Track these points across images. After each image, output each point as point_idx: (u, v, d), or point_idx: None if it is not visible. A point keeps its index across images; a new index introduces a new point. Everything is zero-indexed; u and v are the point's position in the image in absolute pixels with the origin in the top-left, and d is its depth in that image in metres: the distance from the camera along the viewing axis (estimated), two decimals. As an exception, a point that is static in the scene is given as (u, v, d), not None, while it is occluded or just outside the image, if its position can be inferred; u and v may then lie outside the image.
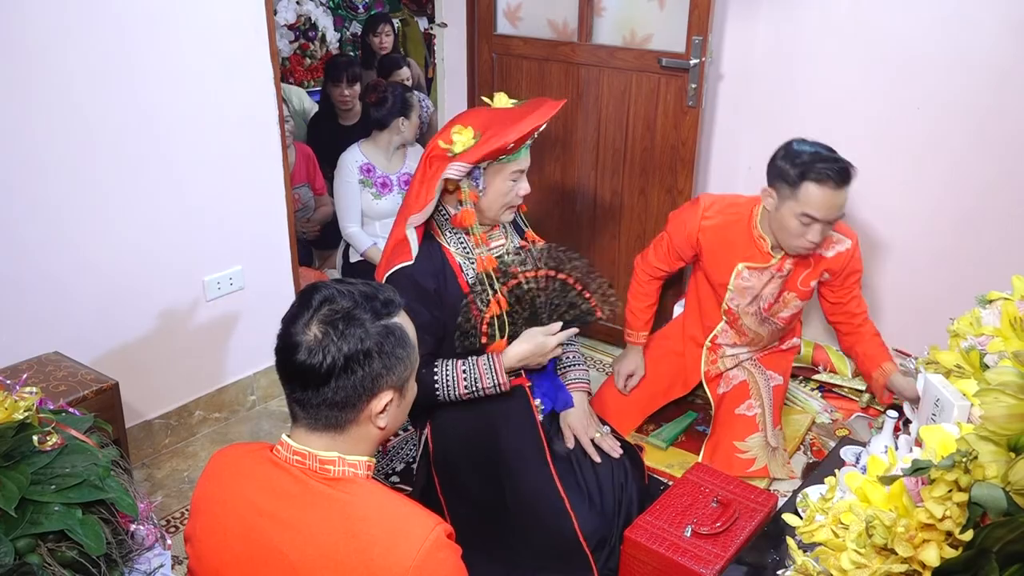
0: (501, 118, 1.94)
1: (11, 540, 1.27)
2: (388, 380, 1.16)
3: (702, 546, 1.77)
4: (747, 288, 2.39)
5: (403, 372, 1.19)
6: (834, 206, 2.12)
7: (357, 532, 1.09)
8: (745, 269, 2.37)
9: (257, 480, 1.18)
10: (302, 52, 5.33)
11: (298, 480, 1.15)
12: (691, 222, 2.41)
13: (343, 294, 1.17)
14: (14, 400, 1.42)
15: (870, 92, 2.66)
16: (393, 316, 1.19)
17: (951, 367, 1.29)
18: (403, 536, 1.08)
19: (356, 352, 1.13)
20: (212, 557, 1.20)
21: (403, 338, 1.19)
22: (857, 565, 0.85)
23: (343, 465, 1.16)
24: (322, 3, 5.36)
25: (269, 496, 1.16)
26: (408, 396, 1.24)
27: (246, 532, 1.15)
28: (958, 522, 0.78)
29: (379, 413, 1.17)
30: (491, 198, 1.97)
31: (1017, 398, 0.82)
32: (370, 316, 1.15)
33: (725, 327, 2.55)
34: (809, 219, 2.14)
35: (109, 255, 2.29)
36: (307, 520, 1.12)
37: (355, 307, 1.15)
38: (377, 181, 3.34)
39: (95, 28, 2.10)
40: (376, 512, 1.12)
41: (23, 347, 2.11)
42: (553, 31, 3.11)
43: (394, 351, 1.16)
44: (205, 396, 2.66)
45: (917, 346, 2.45)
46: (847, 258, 2.34)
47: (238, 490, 1.19)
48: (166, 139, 2.33)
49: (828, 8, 2.67)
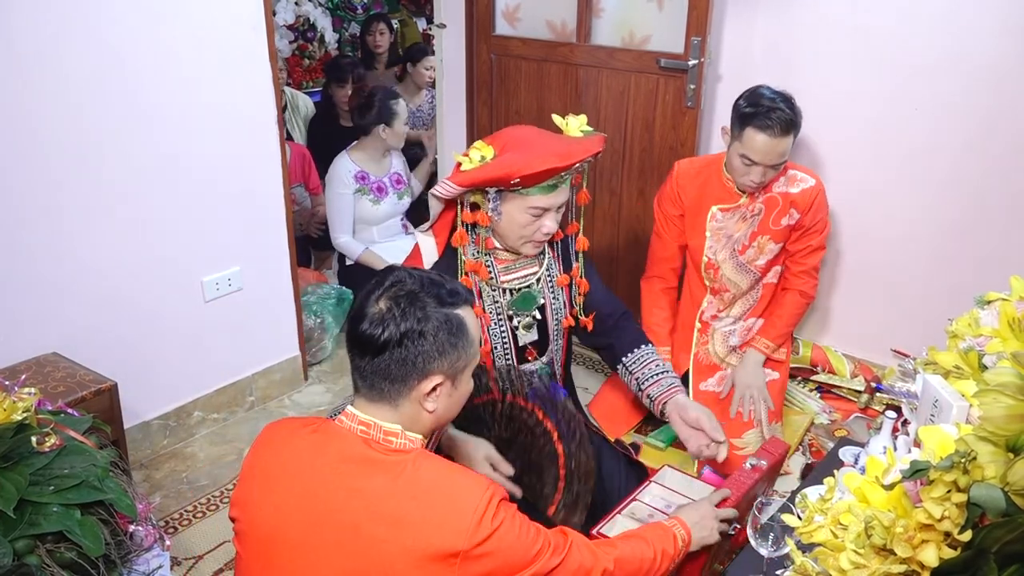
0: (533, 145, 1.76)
1: (10, 541, 1.27)
2: (439, 365, 1.23)
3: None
4: (720, 230, 2.51)
5: (456, 361, 1.25)
6: (772, 153, 2.27)
7: (420, 495, 1.16)
8: (718, 211, 2.50)
9: (316, 447, 1.24)
10: (301, 53, 5.33)
11: (363, 448, 1.21)
12: (670, 184, 2.55)
13: (413, 278, 1.26)
14: (13, 401, 1.42)
15: (868, 93, 2.67)
16: (457, 307, 1.26)
17: (949, 368, 1.29)
18: (463, 499, 1.15)
19: (411, 331, 1.21)
20: (266, 522, 1.23)
21: (460, 329, 1.25)
22: (856, 565, 0.85)
23: (403, 438, 1.23)
24: (321, 4, 5.36)
25: (332, 462, 1.21)
26: (461, 388, 1.30)
27: (306, 496, 1.20)
28: (957, 522, 0.78)
29: (427, 395, 1.23)
30: (506, 226, 1.80)
31: (1016, 399, 0.83)
32: (433, 302, 1.23)
33: (710, 298, 2.62)
34: (749, 161, 2.30)
35: (107, 256, 2.28)
36: (373, 485, 1.17)
37: (420, 291, 1.24)
38: (373, 187, 3.33)
39: (94, 28, 2.10)
40: (437, 477, 1.19)
41: (22, 348, 2.11)
42: (552, 32, 3.11)
43: (448, 338, 1.23)
44: (204, 397, 2.66)
45: (916, 347, 2.45)
46: (812, 194, 2.45)
47: (295, 457, 1.24)
48: (165, 140, 2.33)
49: (826, 9, 2.67)
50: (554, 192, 1.76)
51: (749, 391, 2.52)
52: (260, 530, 1.23)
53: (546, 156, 1.70)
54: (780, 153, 2.29)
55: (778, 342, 2.58)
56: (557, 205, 1.79)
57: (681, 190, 2.52)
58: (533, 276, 1.93)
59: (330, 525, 1.17)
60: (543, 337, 1.99)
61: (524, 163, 1.68)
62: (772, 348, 2.57)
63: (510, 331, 1.93)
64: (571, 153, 1.74)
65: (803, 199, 2.46)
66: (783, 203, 2.46)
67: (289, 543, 1.19)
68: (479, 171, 1.70)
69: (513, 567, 1.17)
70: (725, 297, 2.61)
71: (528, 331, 1.96)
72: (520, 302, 1.92)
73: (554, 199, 1.77)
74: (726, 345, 2.63)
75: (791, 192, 2.45)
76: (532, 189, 1.74)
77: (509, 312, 1.91)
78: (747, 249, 2.52)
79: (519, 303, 1.92)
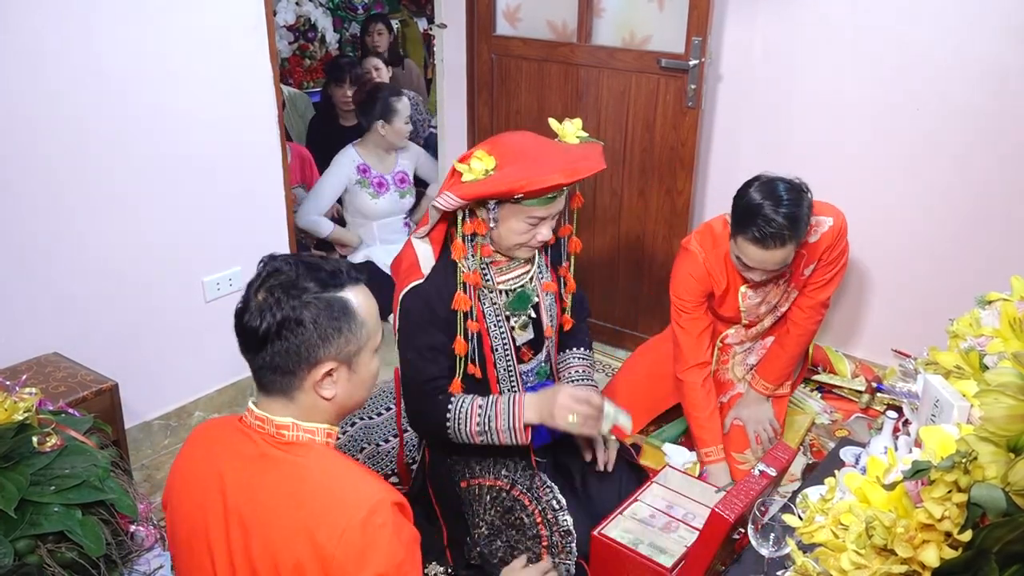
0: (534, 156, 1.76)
1: (11, 541, 1.27)
2: (326, 351, 1.18)
3: None
4: (755, 304, 2.39)
5: (345, 345, 1.20)
6: (767, 262, 2.09)
7: (302, 496, 1.14)
8: (748, 290, 2.34)
9: (225, 447, 1.24)
10: (301, 53, 5.33)
11: (257, 445, 1.20)
12: (696, 266, 2.31)
13: (290, 264, 1.21)
14: (14, 401, 1.42)
15: (869, 93, 2.67)
16: (340, 289, 1.21)
17: (950, 368, 1.29)
18: (343, 502, 1.12)
19: (288, 319, 1.17)
20: (183, 523, 1.25)
21: (344, 312, 1.20)
22: (857, 566, 0.85)
23: (298, 431, 1.21)
24: (321, 4, 5.36)
25: (232, 461, 1.21)
26: (362, 371, 1.25)
27: (211, 497, 1.20)
28: (957, 523, 0.78)
29: (320, 381, 1.20)
30: (503, 234, 1.80)
31: (1017, 399, 0.83)
32: (314, 286, 1.19)
33: (739, 327, 2.52)
34: (745, 266, 2.16)
35: (108, 256, 2.29)
36: (261, 483, 1.17)
37: (298, 277, 1.19)
38: (373, 181, 3.36)
39: (95, 28, 2.10)
40: (323, 477, 1.16)
41: (22, 348, 2.11)
42: (552, 32, 3.11)
43: (331, 323, 1.18)
44: (204, 397, 2.66)
45: (916, 347, 2.44)
46: (834, 233, 2.27)
47: (208, 458, 1.24)
48: (165, 140, 2.33)
49: (827, 9, 2.67)
50: (553, 203, 1.78)
51: (760, 425, 2.48)
52: (181, 528, 1.25)
53: (551, 172, 1.70)
54: (777, 262, 2.10)
55: (777, 383, 2.50)
56: (554, 214, 1.81)
57: (712, 269, 2.30)
58: (526, 275, 1.93)
59: (234, 524, 1.17)
60: (538, 336, 1.99)
61: (529, 179, 1.69)
62: (771, 389, 2.50)
63: (509, 332, 1.93)
64: (576, 170, 1.74)
65: (824, 241, 2.29)
66: (808, 255, 2.30)
67: (202, 541, 1.21)
68: (483, 185, 1.70)
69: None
70: (751, 332, 2.54)
71: (524, 331, 1.96)
72: (516, 302, 1.92)
73: (552, 208, 1.78)
74: (744, 365, 2.59)
75: (811, 241, 2.26)
76: (533, 201, 1.75)
77: (506, 313, 1.92)
78: (783, 303, 2.43)
79: (515, 303, 1.92)
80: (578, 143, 1.87)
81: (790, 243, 2.06)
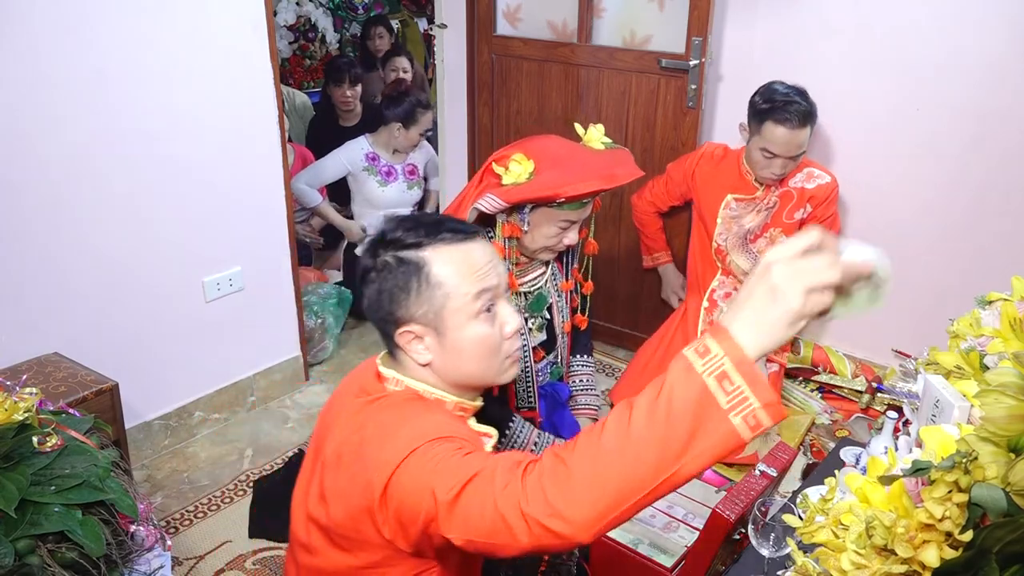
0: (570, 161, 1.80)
1: (11, 541, 1.27)
2: (398, 312, 1.17)
3: None
4: (733, 219, 2.58)
5: (416, 308, 1.16)
6: (792, 144, 2.40)
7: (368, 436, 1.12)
8: (733, 200, 2.59)
9: (358, 377, 1.28)
10: (302, 53, 5.33)
11: (366, 383, 1.23)
12: (691, 159, 2.68)
13: (392, 222, 1.22)
14: (14, 401, 1.42)
15: (869, 93, 2.66)
16: (419, 248, 1.17)
17: (951, 368, 1.28)
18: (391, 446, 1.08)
19: (364, 274, 1.20)
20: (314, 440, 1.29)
21: (414, 273, 1.16)
22: (857, 566, 0.85)
23: (398, 387, 1.21)
24: (322, 4, 5.36)
25: (348, 393, 1.25)
26: (454, 338, 1.17)
27: (334, 423, 1.22)
28: (958, 523, 0.78)
29: (408, 344, 1.19)
30: (534, 238, 1.85)
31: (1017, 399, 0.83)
32: (397, 243, 1.18)
33: (722, 277, 2.67)
34: (770, 154, 2.42)
35: (109, 256, 2.29)
36: (345, 420, 1.18)
37: (388, 233, 1.20)
38: (382, 169, 3.41)
39: (95, 28, 2.10)
40: (389, 420, 1.13)
41: (23, 348, 2.11)
42: (553, 32, 3.11)
43: (397, 282, 1.16)
44: (205, 397, 2.66)
45: (916, 347, 2.45)
46: (828, 189, 2.55)
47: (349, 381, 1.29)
48: (165, 140, 2.33)
49: (827, 9, 2.67)
50: (585, 207, 1.84)
51: None
52: (312, 445, 1.29)
53: (591, 178, 1.75)
54: (799, 144, 2.40)
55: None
56: (583, 218, 1.86)
57: (698, 169, 2.64)
58: (542, 277, 1.96)
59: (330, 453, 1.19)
60: (551, 336, 2.01)
61: (572, 185, 1.73)
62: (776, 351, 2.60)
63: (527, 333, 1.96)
64: (614, 176, 1.81)
65: (819, 194, 2.55)
66: (798, 198, 2.54)
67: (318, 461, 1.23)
68: (526, 188, 1.73)
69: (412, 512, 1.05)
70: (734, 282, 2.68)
71: (540, 332, 1.98)
72: (534, 304, 1.95)
73: (583, 213, 1.84)
74: None
75: (807, 188, 2.55)
76: (569, 205, 1.78)
77: (524, 315, 1.93)
78: (758, 239, 2.59)
79: (533, 305, 1.95)
80: (603, 148, 1.91)
81: (808, 124, 2.39)
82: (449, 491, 0.97)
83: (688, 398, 0.84)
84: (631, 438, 0.86)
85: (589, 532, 0.88)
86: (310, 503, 1.21)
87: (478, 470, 0.97)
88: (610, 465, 0.86)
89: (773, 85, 2.47)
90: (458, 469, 0.99)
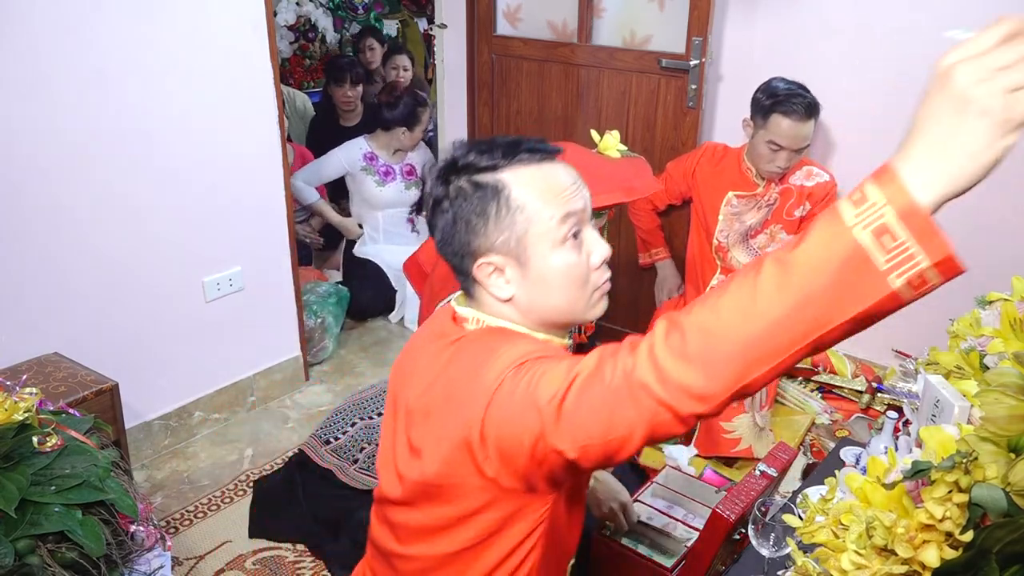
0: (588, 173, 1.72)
1: (11, 541, 1.27)
2: (476, 242, 1.07)
3: None
4: (735, 215, 2.62)
5: (496, 235, 1.06)
6: (797, 136, 2.43)
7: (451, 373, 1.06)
8: (734, 197, 2.62)
9: (432, 324, 1.20)
10: (302, 53, 5.33)
11: (444, 327, 1.15)
12: (691, 158, 2.72)
13: (462, 147, 1.11)
14: (14, 401, 1.42)
15: (869, 93, 2.66)
16: (494, 171, 1.07)
17: (951, 368, 1.28)
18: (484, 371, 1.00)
19: (435, 203, 1.10)
20: (392, 389, 1.22)
21: (493, 196, 1.06)
22: (857, 566, 0.85)
23: (479, 326, 1.12)
24: (322, 4, 5.36)
25: (424, 340, 1.18)
26: (538, 267, 1.07)
27: (412, 371, 1.16)
28: (958, 523, 0.78)
29: (487, 278, 1.09)
30: None
31: (1017, 399, 0.83)
32: (471, 167, 1.08)
33: (721, 276, 2.70)
34: (776, 146, 2.45)
35: (109, 256, 2.29)
36: (426, 367, 1.12)
37: (459, 158, 1.09)
38: (380, 169, 3.42)
39: (95, 27, 2.10)
40: (475, 347, 1.06)
41: (23, 348, 2.11)
42: (553, 32, 3.11)
43: (474, 207, 1.06)
44: (204, 397, 2.66)
45: (917, 347, 2.45)
46: (827, 188, 2.59)
47: (422, 331, 1.22)
48: (165, 140, 2.33)
49: (827, 9, 2.67)
50: (601, 217, 1.86)
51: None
52: (391, 394, 1.22)
53: (613, 190, 1.78)
54: (804, 136, 2.44)
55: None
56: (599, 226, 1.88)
57: (698, 167, 2.67)
58: None
59: (415, 403, 1.13)
60: None
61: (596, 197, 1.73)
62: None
63: None
64: (634, 189, 1.84)
65: (818, 192, 2.58)
66: (798, 195, 2.58)
67: (395, 408, 1.18)
68: None
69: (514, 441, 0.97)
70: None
71: None
72: None
73: (599, 223, 1.87)
74: None
75: (807, 185, 2.58)
76: None
77: None
78: (759, 235, 2.63)
79: None
80: (619, 156, 1.94)
81: (813, 117, 2.43)
82: (553, 398, 0.90)
83: (831, 257, 0.72)
84: (757, 301, 0.76)
85: (710, 403, 0.81)
86: (399, 461, 1.14)
87: (579, 369, 0.90)
88: (730, 332, 0.77)
89: (773, 81, 2.50)
90: (558, 375, 0.92)
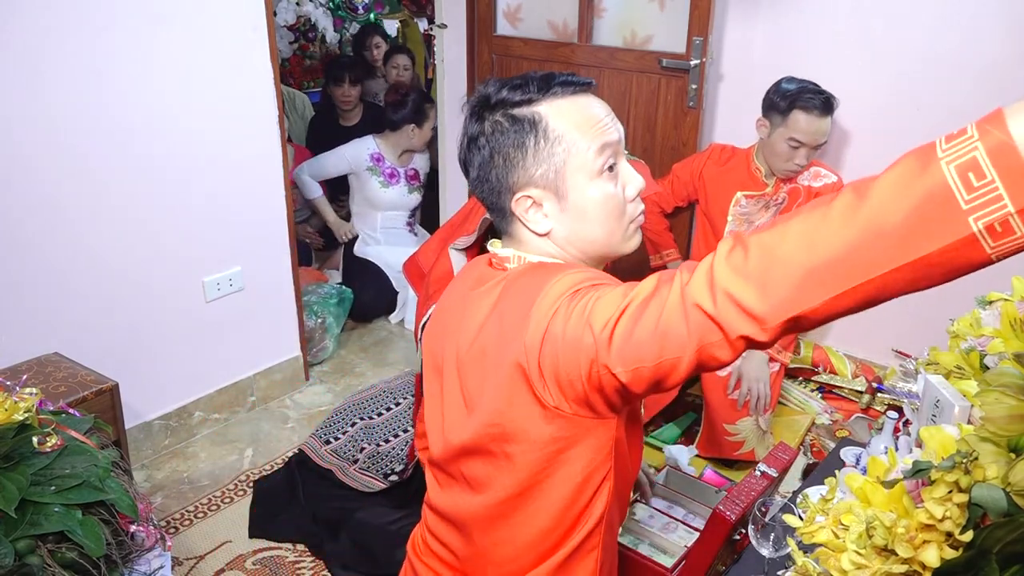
0: None
1: (11, 541, 1.27)
2: (514, 175, 1.07)
3: None
4: (744, 216, 2.62)
5: (535, 167, 1.06)
6: (818, 132, 2.43)
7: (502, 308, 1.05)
8: (743, 197, 2.62)
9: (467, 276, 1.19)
10: (302, 53, 5.33)
11: (481, 273, 1.14)
12: (698, 160, 2.71)
13: (494, 84, 1.11)
14: (14, 401, 1.42)
15: (869, 93, 2.66)
16: (529, 104, 1.06)
17: (951, 368, 1.28)
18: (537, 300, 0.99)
19: (471, 140, 1.10)
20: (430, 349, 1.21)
21: (530, 128, 1.06)
22: (857, 566, 0.85)
23: (520, 264, 1.11)
24: (322, 4, 5.36)
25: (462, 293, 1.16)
26: (576, 199, 1.07)
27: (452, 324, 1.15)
28: (958, 523, 0.78)
29: (525, 212, 1.08)
30: None
31: (1017, 399, 0.82)
32: (505, 102, 1.07)
33: None
34: (796, 143, 2.44)
35: (109, 256, 2.29)
36: (472, 314, 1.10)
37: (491, 95, 1.09)
38: (385, 171, 3.43)
39: (95, 27, 2.10)
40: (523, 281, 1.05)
41: (23, 348, 2.11)
42: (553, 32, 3.11)
43: (510, 141, 1.06)
44: (205, 397, 2.66)
45: (917, 347, 2.45)
46: (834, 189, 2.57)
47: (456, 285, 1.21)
48: (166, 140, 2.33)
49: (828, 9, 2.67)
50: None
51: (757, 384, 2.56)
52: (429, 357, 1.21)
53: None
54: (824, 132, 2.44)
55: (782, 343, 2.60)
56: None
57: (706, 168, 2.67)
58: None
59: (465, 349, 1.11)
60: None
61: None
62: (777, 348, 2.61)
63: None
64: None
65: (825, 193, 2.56)
66: (805, 196, 2.58)
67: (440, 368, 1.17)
68: None
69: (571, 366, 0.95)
70: None
71: None
72: None
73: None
74: None
75: (814, 186, 2.59)
76: None
77: None
78: None
79: None
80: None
81: (830, 112, 2.43)
82: (609, 320, 0.90)
83: (910, 188, 0.67)
84: (826, 227, 0.72)
85: (760, 327, 0.79)
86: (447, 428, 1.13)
87: (636, 293, 0.90)
88: (793, 255, 0.74)
89: (785, 81, 2.49)
90: (614, 299, 0.91)
